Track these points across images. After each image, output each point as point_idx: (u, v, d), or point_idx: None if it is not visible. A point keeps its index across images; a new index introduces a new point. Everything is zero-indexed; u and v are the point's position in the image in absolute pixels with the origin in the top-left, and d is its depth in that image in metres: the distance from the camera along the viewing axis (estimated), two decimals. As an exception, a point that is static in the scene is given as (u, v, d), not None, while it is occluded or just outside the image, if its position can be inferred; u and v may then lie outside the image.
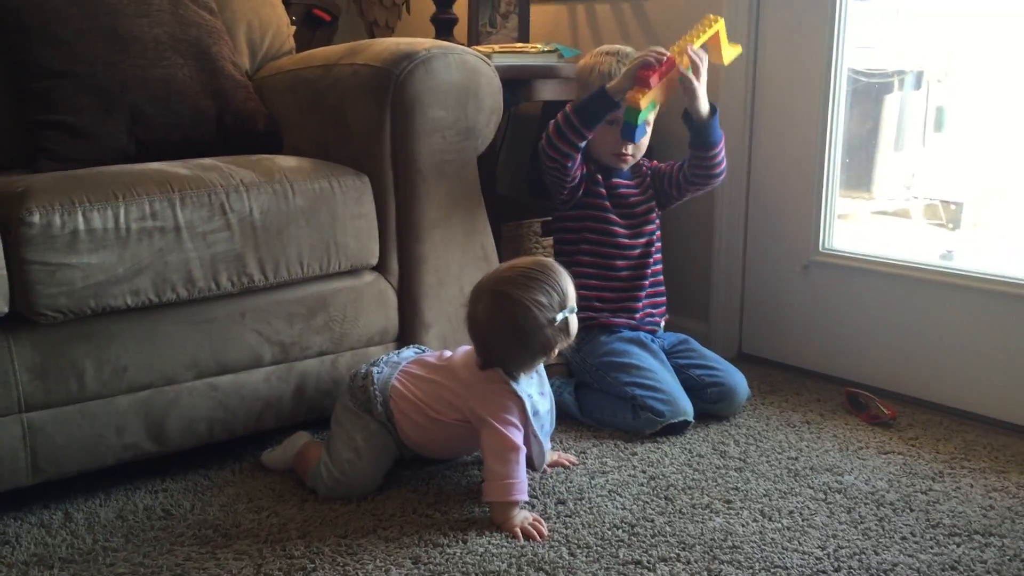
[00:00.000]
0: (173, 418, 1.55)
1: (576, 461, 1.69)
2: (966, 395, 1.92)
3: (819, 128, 2.08)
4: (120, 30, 1.78)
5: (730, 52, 1.86)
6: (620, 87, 1.79)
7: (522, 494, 1.46)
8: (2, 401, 1.41)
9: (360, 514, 1.49)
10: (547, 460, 1.62)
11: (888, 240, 2.59)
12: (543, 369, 1.58)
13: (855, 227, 2.51)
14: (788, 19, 2.10)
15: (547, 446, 1.56)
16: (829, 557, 1.37)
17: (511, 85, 2.03)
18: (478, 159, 1.86)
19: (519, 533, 1.42)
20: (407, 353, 1.64)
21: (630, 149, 1.94)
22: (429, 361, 1.59)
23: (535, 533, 1.42)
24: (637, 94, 1.75)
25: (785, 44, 2.12)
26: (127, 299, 1.47)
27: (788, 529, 1.45)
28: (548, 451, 1.59)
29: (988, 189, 2.55)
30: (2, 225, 1.38)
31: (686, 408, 1.82)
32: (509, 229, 2.26)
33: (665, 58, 1.76)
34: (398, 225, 1.77)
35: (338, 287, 1.70)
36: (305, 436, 1.67)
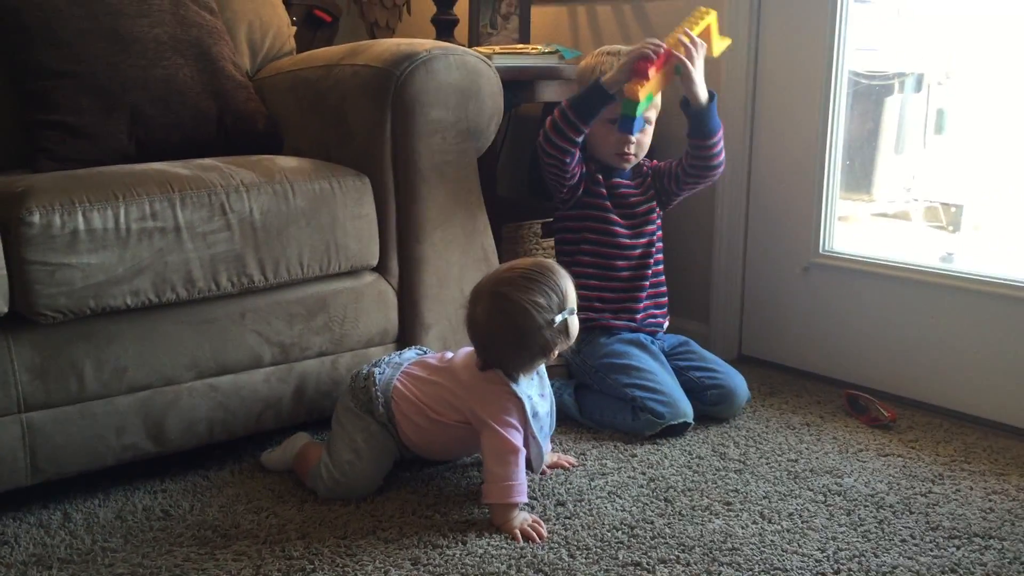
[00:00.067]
0: (173, 418, 1.55)
1: (576, 463, 1.69)
2: (966, 398, 1.92)
3: (820, 130, 2.08)
4: (121, 30, 1.78)
5: (720, 44, 1.88)
6: (615, 80, 1.80)
7: (522, 496, 1.46)
8: (1, 401, 1.40)
9: (360, 515, 1.49)
10: (546, 462, 1.62)
11: (888, 242, 2.59)
12: (544, 370, 1.57)
13: (855, 229, 2.51)
14: (789, 21, 2.10)
15: (546, 448, 1.56)
16: (829, 559, 1.37)
17: (512, 86, 2.03)
18: (478, 160, 1.86)
19: (519, 535, 1.42)
20: (409, 354, 1.64)
21: (632, 148, 1.93)
22: (430, 363, 1.59)
23: (534, 535, 1.42)
24: (635, 86, 1.74)
25: (786, 46, 2.12)
26: (127, 299, 1.46)
27: (788, 531, 1.45)
28: (547, 453, 1.59)
29: (988, 191, 2.56)
30: (2, 225, 1.38)
31: (686, 410, 1.81)
32: (509, 230, 2.26)
33: (662, 49, 1.76)
34: (398, 226, 1.77)
35: (338, 288, 1.70)
36: (305, 437, 1.67)
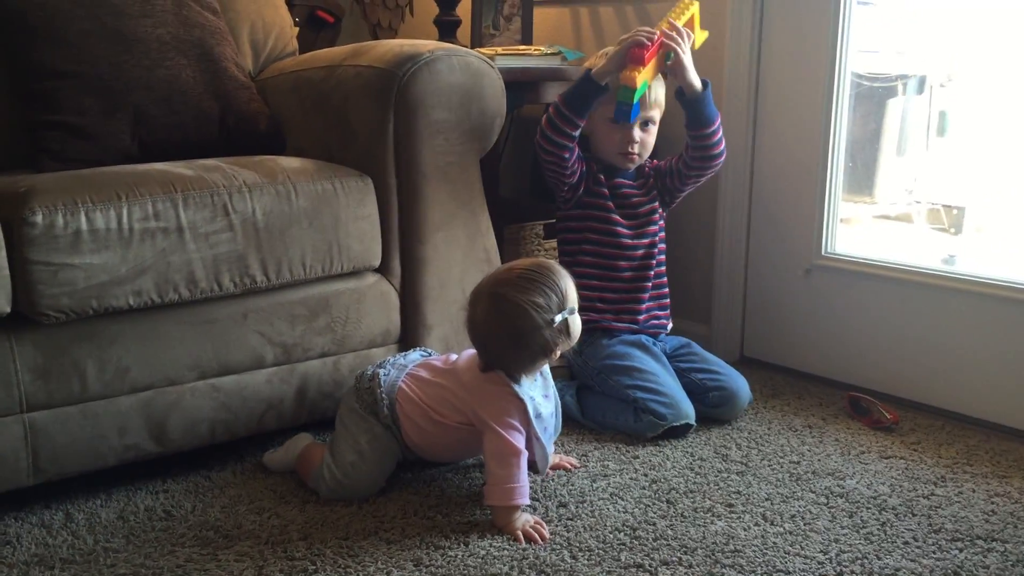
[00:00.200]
0: (175, 419, 1.55)
1: (577, 464, 1.69)
2: (968, 400, 1.92)
3: (822, 132, 2.08)
4: (124, 31, 1.78)
5: (700, 36, 1.90)
6: (606, 71, 1.81)
7: (523, 498, 1.45)
8: (4, 401, 1.40)
9: (362, 516, 1.49)
10: (550, 463, 1.61)
11: (890, 244, 2.59)
12: (548, 371, 1.57)
13: (857, 231, 2.51)
14: (792, 23, 2.10)
15: (550, 449, 1.56)
16: (831, 562, 1.37)
17: (514, 87, 2.03)
18: (481, 161, 1.86)
19: (520, 536, 1.42)
20: (413, 356, 1.64)
21: (636, 148, 1.93)
22: (435, 364, 1.58)
23: (536, 536, 1.42)
24: (633, 72, 1.75)
25: (789, 47, 2.12)
26: (129, 299, 1.46)
27: (790, 533, 1.45)
28: (551, 454, 1.58)
29: (990, 194, 2.55)
30: (5, 225, 1.38)
31: (688, 411, 1.81)
32: (511, 231, 2.26)
33: (656, 36, 1.78)
34: (401, 227, 1.77)
35: (340, 288, 1.70)
36: (307, 438, 1.67)
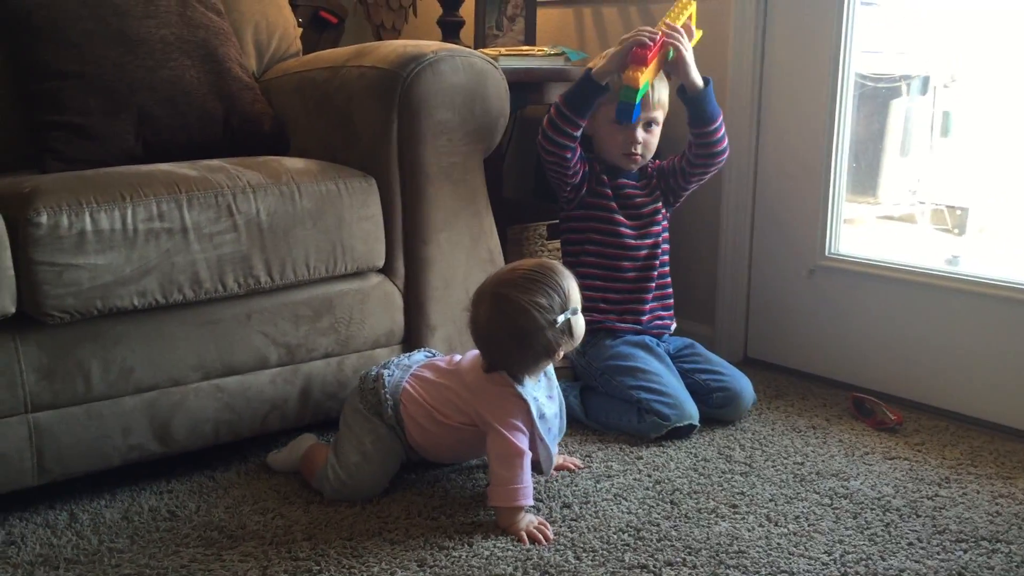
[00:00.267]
0: (179, 419, 1.55)
1: (581, 465, 1.69)
2: (972, 400, 1.92)
3: (826, 132, 2.08)
4: (128, 31, 1.78)
5: (696, 35, 1.90)
6: (606, 70, 1.82)
7: (527, 499, 1.45)
8: (9, 402, 1.41)
9: (366, 517, 1.49)
10: (554, 464, 1.61)
11: (894, 245, 2.59)
12: (552, 372, 1.57)
13: (861, 232, 2.51)
14: (796, 23, 2.10)
15: (555, 450, 1.55)
16: (836, 563, 1.37)
17: (517, 88, 2.03)
18: (484, 162, 1.86)
19: (524, 537, 1.42)
20: (418, 357, 1.64)
21: (639, 149, 1.93)
22: (439, 365, 1.58)
23: (540, 537, 1.42)
24: (636, 72, 1.75)
25: (792, 48, 2.12)
26: (134, 300, 1.47)
27: (794, 534, 1.45)
28: (555, 455, 1.58)
29: (994, 194, 2.55)
30: (10, 225, 1.38)
31: (691, 412, 1.81)
32: (515, 232, 2.26)
33: (658, 36, 1.78)
34: (404, 227, 1.77)
35: (344, 289, 1.70)
36: (311, 438, 1.67)
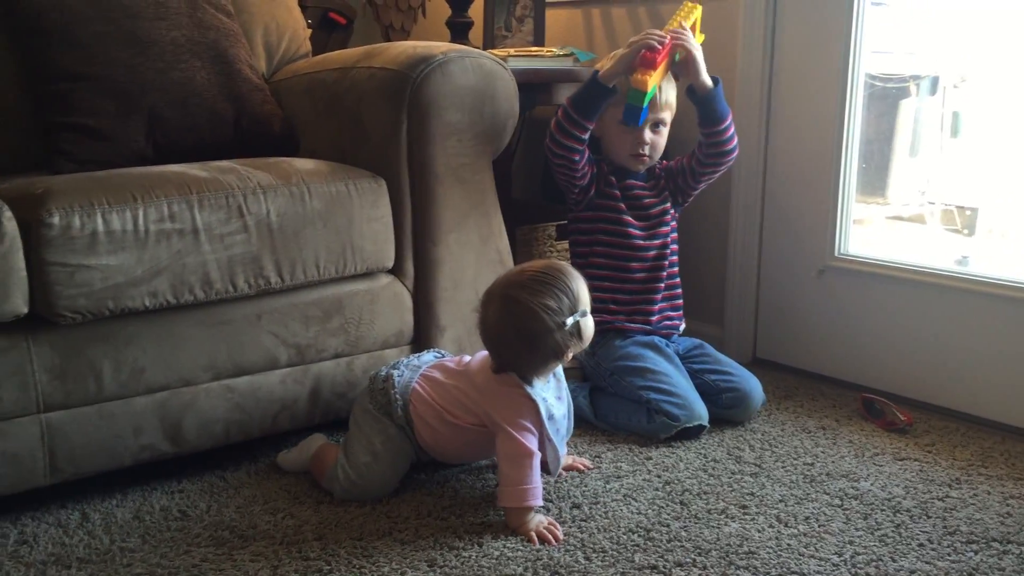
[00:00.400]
0: (190, 419, 1.56)
1: (591, 465, 1.69)
2: (983, 401, 1.91)
3: (835, 133, 2.08)
4: (139, 33, 1.79)
5: (699, 38, 1.91)
6: (613, 72, 1.82)
7: (537, 499, 1.45)
8: (21, 401, 1.41)
9: (376, 517, 1.50)
10: (562, 464, 1.61)
11: (904, 245, 2.58)
12: (561, 373, 1.57)
13: (870, 232, 2.50)
14: (805, 23, 2.10)
15: (562, 451, 1.56)
16: (846, 563, 1.37)
17: (526, 89, 2.04)
18: (493, 163, 1.86)
19: (534, 537, 1.42)
20: (427, 357, 1.64)
21: (647, 149, 1.94)
22: (448, 366, 1.59)
23: (550, 537, 1.42)
24: (644, 76, 1.76)
25: (802, 48, 2.11)
26: (145, 300, 1.47)
27: (804, 535, 1.45)
28: (563, 456, 1.58)
29: (1004, 195, 2.54)
30: (22, 226, 1.39)
31: (701, 412, 1.81)
32: (524, 233, 2.26)
33: (667, 39, 1.79)
34: (414, 228, 1.77)
35: (354, 290, 1.70)
36: (321, 438, 1.67)
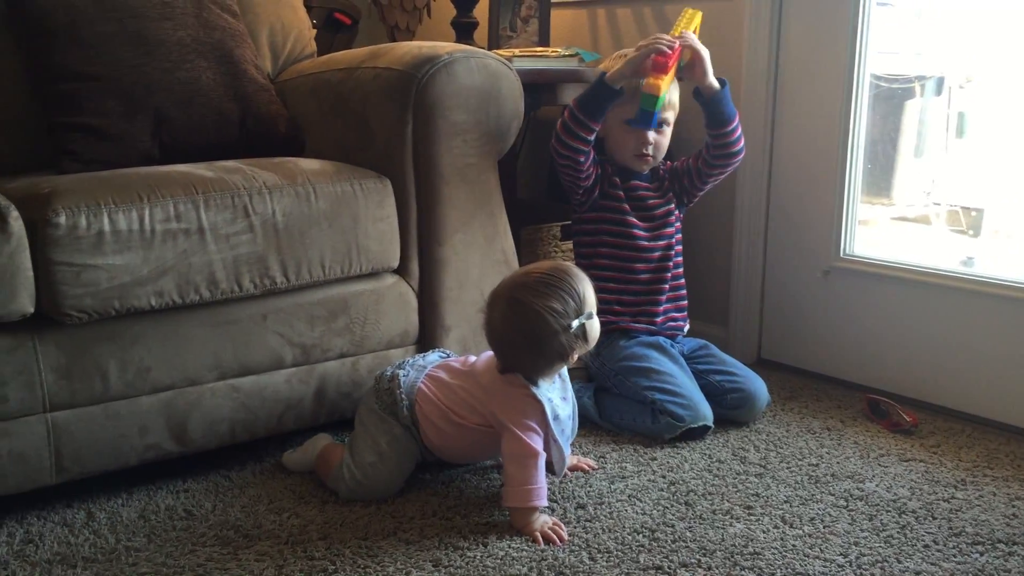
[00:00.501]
0: (195, 419, 1.56)
1: (595, 466, 1.69)
2: (988, 402, 1.91)
3: (841, 133, 2.07)
4: (145, 33, 1.80)
5: None
6: (621, 75, 1.82)
7: (541, 500, 1.45)
8: (27, 401, 1.42)
9: (381, 516, 1.50)
10: (567, 465, 1.61)
11: (909, 246, 2.57)
12: (566, 373, 1.57)
13: (875, 233, 2.49)
14: (811, 24, 2.10)
15: (568, 451, 1.56)
16: (851, 564, 1.37)
17: (532, 89, 2.04)
18: (498, 163, 1.86)
19: (539, 537, 1.42)
20: (432, 357, 1.64)
21: (650, 149, 1.94)
22: (454, 366, 1.59)
23: (555, 537, 1.42)
24: (657, 80, 1.76)
25: (807, 49, 2.11)
26: (151, 300, 1.47)
27: (809, 536, 1.45)
28: (568, 456, 1.59)
29: (1009, 195, 2.53)
30: (29, 226, 1.39)
31: (706, 413, 1.81)
32: (529, 233, 2.26)
33: (677, 43, 1.80)
34: (419, 228, 1.77)
35: (359, 290, 1.71)
36: (326, 438, 1.67)
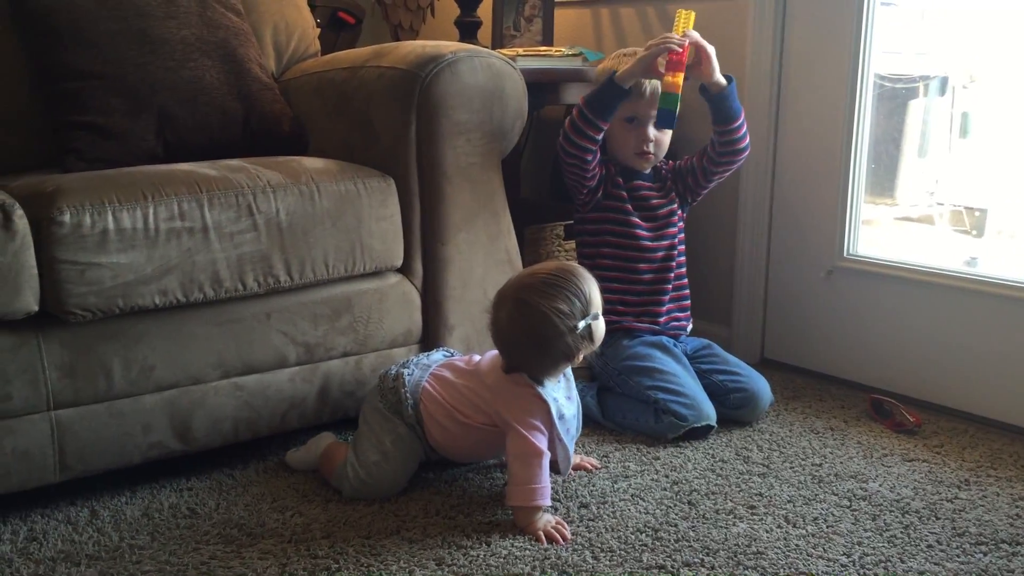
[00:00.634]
0: (199, 417, 1.56)
1: (599, 465, 1.69)
2: (992, 403, 1.91)
3: (844, 133, 2.07)
4: (149, 32, 1.80)
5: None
6: (630, 74, 1.82)
7: (545, 499, 1.46)
8: (31, 399, 1.42)
9: (384, 515, 1.50)
10: (571, 464, 1.61)
11: (912, 246, 2.58)
12: (571, 373, 1.57)
13: (879, 233, 2.50)
14: (814, 23, 2.10)
15: (572, 451, 1.56)
16: (854, 564, 1.37)
17: (535, 88, 2.04)
18: (502, 162, 1.86)
19: (542, 536, 1.42)
20: (436, 356, 1.64)
21: (651, 147, 1.94)
22: (458, 365, 1.59)
23: (558, 536, 1.42)
24: (675, 78, 1.76)
25: (811, 48, 2.11)
26: (155, 299, 1.48)
27: (813, 536, 1.45)
28: (572, 456, 1.58)
29: (1013, 196, 2.53)
30: (33, 224, 1.39)
31: (709, 413, 1.81)
32: (532, 232, 2.26)
33: (687, 42, 1.79)
34: (423, 227, 1.77)
35: (363, 288, 1.71)
36: (329, 437, 1.67)
